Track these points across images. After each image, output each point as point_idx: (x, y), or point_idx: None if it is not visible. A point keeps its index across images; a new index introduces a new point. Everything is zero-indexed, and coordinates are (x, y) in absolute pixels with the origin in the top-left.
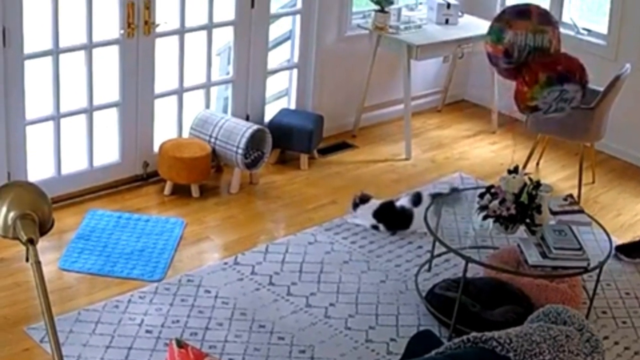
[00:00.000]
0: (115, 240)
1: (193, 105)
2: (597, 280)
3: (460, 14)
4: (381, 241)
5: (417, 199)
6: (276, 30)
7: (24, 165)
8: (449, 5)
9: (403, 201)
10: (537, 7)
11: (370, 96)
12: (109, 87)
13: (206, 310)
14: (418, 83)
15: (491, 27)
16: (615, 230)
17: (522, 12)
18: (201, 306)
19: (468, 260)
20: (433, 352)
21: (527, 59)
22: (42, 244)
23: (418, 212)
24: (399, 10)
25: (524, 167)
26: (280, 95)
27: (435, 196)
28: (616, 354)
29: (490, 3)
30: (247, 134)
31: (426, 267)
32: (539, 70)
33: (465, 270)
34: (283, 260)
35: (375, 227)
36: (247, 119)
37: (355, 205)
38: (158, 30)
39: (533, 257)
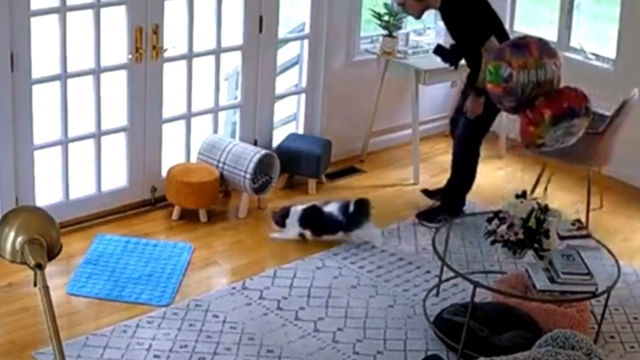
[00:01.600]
0: (123, 265)
1: (201, 130)
2: (605, 305)
3: None
4: (389, 266)
5: (345, 209)
6: (284, 55)
7: (32, 190)
8: None
9: (332, 207)
10: (535, 40)
11: (378, 121)
12: (116, 112)
13: (214, 335)
14: (426, 108)
15: (492, 67)
16: (623, 255)
17: (521, 48)
18: (209, 331)
19: (476, 285)
20: None
21: (531, 95)
22: (50, 268)
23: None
24: (407, 35)
25: (532, 191)
26: (288, 120)
27: (359, 202)
28: None
29: None
30: (255, 159)
31: (434, 291)
32: (544, 109)
33: (473, 295)
34: (291, 285)
35: (302, 236)
36: (255, 143)
37: (282, 222)
38: (166, 55)
39: (541, 281)
